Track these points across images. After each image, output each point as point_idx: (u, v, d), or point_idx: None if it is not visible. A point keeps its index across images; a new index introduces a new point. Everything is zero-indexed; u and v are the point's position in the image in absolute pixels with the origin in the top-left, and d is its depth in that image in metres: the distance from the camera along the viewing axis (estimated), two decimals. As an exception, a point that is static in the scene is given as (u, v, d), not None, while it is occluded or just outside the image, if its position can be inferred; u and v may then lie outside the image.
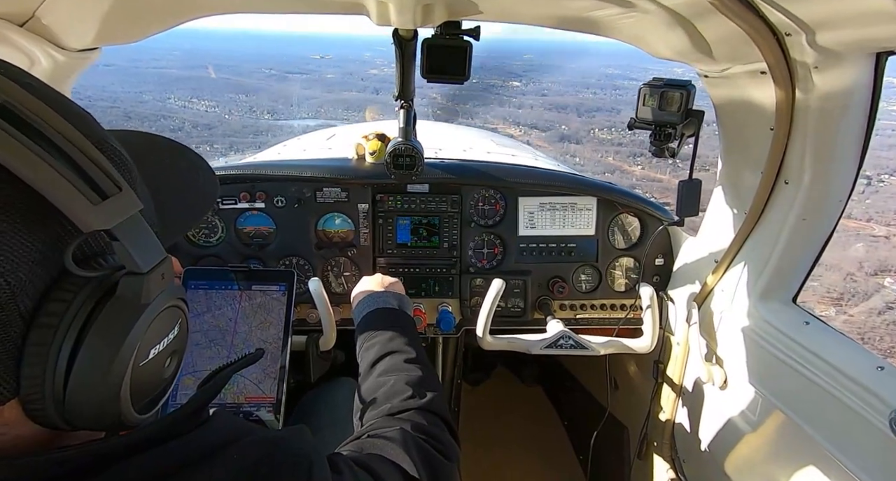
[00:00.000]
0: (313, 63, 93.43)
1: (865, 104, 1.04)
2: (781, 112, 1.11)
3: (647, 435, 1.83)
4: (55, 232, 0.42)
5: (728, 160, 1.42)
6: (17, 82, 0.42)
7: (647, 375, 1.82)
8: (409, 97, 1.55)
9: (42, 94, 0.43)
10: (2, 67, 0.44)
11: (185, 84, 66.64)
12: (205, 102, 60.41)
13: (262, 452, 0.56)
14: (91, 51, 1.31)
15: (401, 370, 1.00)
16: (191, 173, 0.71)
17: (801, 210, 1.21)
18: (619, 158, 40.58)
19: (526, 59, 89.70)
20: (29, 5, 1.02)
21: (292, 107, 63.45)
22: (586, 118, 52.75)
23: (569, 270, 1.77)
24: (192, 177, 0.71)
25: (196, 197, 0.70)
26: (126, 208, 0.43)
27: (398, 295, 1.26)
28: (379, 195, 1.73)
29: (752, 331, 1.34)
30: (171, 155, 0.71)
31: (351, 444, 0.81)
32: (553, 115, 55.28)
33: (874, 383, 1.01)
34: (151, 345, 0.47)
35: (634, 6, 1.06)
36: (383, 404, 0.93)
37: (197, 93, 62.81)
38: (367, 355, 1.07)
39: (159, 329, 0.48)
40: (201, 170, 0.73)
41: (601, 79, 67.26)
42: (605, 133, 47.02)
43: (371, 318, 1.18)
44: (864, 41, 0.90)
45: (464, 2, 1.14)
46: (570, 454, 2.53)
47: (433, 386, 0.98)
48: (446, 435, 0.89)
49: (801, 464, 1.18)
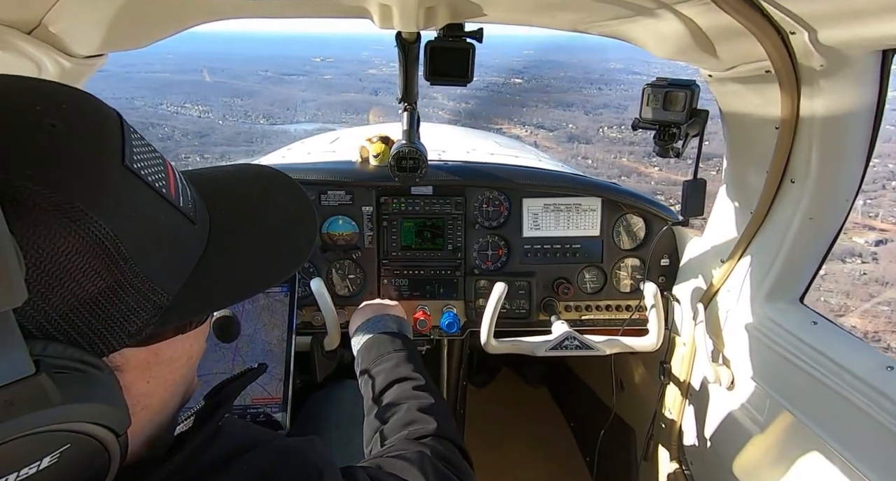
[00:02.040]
0: (311, 64, 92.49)
1: (871, 102, 1.04)
2: (786, 111, 1.11)
3: (653, 436, 1.82)
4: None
5: (733, 159, 1.42)
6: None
7: (653, 376, 1.81)
8: (413, 100, 1.55)
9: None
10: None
11: (178, 88, 65.66)
12: (198, 107, 59.50)
13: (272, 462, 0.56)
14: (97, 57, 1.32)
15: (411, 397, 1.01)
16: (280, 216, 0.61)
17: (808, 209, 1.20)
18: (633, 159, 38.63)
19: (525, 54, 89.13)
20: (36, 13, 1.03)
21: (289, 110, 62.54)
22: (593, 116, 51.30)
23: (574, 271, 1.77)
24: (282, 225, 0.61)
25: (277, 256, 0.59)
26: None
27: (397, 318, 1.26)
28: (383, 197, 1.73)
29: (758, 331, 1.34)
30: (262, 198, 0.62)
31: (369, 462, 0.81)
32: (559, 113, 54.05)
33: (883, 383, 1.00)
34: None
35: (637, 7, 1.06)
36: (399, 431, 0.93)
37: (191, 97, 62.00)
38: (374, 384, 1.08)
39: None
40: (300, 220, 0.63)
41: (604, 73, 66.18)
42: (615, 131, 45.37)
43: (371, 344, 1.19)
44: (869, 39, 0.89)
45: (466, 4, 1.14)
46: (577, 455, 2.52)
47: (444, 412, 1.00)
48: (462, 461, 0.90)
49: (809, 465, 1.17)
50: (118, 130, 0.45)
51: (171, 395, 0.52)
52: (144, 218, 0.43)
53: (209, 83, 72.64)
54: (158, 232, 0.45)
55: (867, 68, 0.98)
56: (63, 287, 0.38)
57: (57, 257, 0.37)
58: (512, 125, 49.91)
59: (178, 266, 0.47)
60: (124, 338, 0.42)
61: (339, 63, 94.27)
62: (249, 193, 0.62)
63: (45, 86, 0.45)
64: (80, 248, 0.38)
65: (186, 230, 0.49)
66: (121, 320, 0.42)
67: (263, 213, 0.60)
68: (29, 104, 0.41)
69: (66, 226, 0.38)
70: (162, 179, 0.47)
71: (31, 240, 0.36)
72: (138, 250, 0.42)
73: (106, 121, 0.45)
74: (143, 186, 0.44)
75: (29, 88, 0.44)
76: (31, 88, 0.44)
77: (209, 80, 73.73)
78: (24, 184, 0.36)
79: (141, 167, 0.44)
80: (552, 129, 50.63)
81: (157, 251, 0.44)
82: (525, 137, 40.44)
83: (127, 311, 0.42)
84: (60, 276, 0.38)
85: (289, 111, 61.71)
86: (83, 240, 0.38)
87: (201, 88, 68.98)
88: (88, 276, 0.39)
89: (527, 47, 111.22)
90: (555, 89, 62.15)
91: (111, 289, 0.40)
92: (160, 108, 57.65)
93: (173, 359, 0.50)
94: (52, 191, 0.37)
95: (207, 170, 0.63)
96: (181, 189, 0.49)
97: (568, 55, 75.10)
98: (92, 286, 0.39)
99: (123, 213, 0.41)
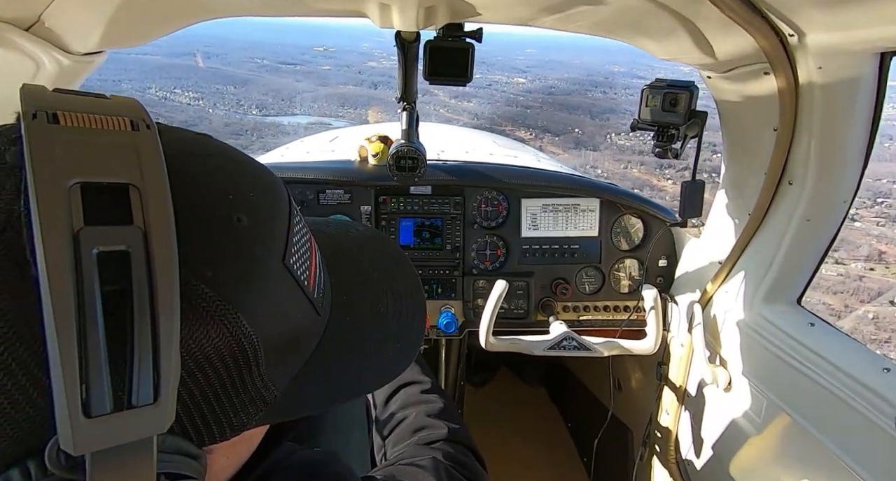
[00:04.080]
0: (309, 53, 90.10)
1: (869, 104, 1.04)
2: (785, 113, 1.11)
3: (650, 437, 1.83)
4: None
5: (731, 161, 1.42)
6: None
7: (650, 377, 1.82)
8: (412, 99, 1.55)
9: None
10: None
11: (168, 73, 62.55)
12: (188, 94, 56.85)
13: (301, 475, 0.56)
14: (96, 54, 1.32)
15: (420, 402, 1.00)
16: (399, 318, 0.54)
17: (805, 211, 1.20)
18: (645, 170, 36.38)
19: (528, 53, 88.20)
20: (34, 9, 1.03)
21: (283, 101, 60.51)
22: (599, 120, 50.01)
23: (572, 272, 1.77)
24: (399, 332, 0.54)
25: (384, 357, 0.53)
26: (135, 430, 0.31)
27: None
28: (382, 197, 1.73)
29: (756, 333, 1.34)
30: (378, 286, 0.55)
31: (383, 470, 0.80)
32: (564, 116, 52.78)
33: (880, 385, 1.00)
34: None
35: (636, 8, 1.06)
36: (409, 438, 0.92)
37: (181, 83, 59.38)
38: (380, 390, 1.07)
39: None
40: (413, 323, 0.56)
41: (608, 76, 65.21)
42: (624, 138, 43.44)
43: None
44: (868, 41, 0.89)
45: (466, 4, 1.14)
46: (574, 455, 2.52)
47: (454, 415, 0.98)
48: (475, 463, 0.89)
49: (805, 467, 1.18)
50: (287, 221, 0.42)
51: (241, 463, 0.50)
52: (285, 319, 0.41)
53: (202, 69, 70.82)
54: (290, 331, 0.42)
55: (865, 70, 0.98)
56: (195, 385, 0.36)
57: (199, 357, 0.35)
58: (516, 127, 49.23)
59: (295, 362, 0.44)
60: (228, 431, 0.40)
61: (338, 54, 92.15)
62: (370, 274, 0.56)
63: (236, 166, 0.42)
64: (223, 350, 0.36)
65: (312, 324, 0.45)
66: (231, 415, 0.39)
67: (383, 311, 0.54)
68: (224, 193, 0.38)
69: (218, 330, 0.35)
70: (307, 270, 0.43)
71: (186, 340, 0.34)
72: (269, 353, 0.39)
73: (282, 214, 0.42)
74: (293, 284, 0.41)
75: (225, 170, 0.40)
76: (227, 170, 0.41)
77: (202, 66, 71.96)
78: (200, 286, 0.34)
79: (295, 261, 0.42)
80: (557, 134, 49.22)
81: (282, 349, 0.41)
82: (530, 140, 39.35)
83: (239, 408, 0.39)
84: (196, 375, 0.36)
85: (283, 102, 59.89)
86: (227, 343, 0.36)
87: (193, 74, 66.26)
88: (219, 375, 0.37)
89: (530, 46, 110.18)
90: (559, 91, 61.07)
91: (233, 387, 0.38)
92: (148, 93, 54.67)
93: (254, 437, 0.49)
94: (219, 293, 0.35)
95: (335, 230, 0.57)
96: (318, 277, 0.46)
97: (571, 55, 74.48)
98: (218, 384, 0.37)
99: (270, 318, 0.39)
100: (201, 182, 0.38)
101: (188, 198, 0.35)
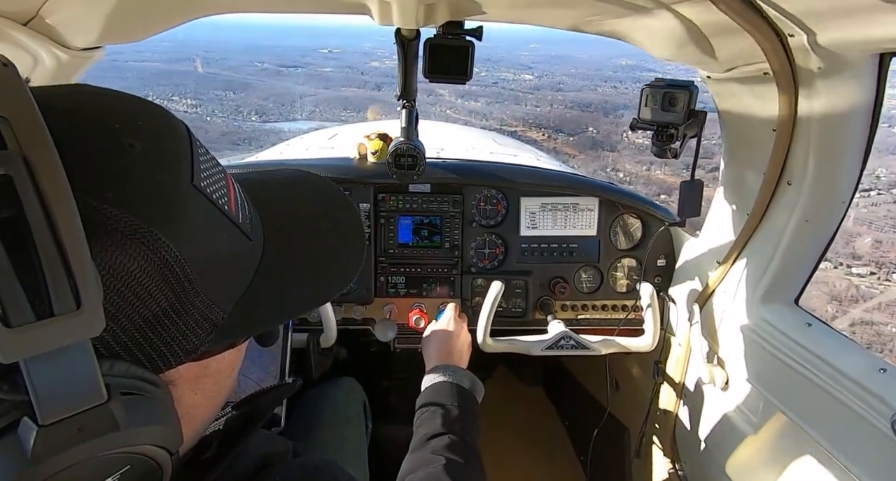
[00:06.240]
0: (310, 55, 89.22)
1: (869, 105, 1.04)
2: (784, 113, 1.11)
3: (647, 436, 1.83)
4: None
5: (730, 161, 1.42)
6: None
7: (647, 376, 1.82)
8: (412, 97, 1.55)
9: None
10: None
11: (167, 79, 62.02)
12: (186, 100, 56.29)
13: (300, 478, 0.57)
14: (95, 50, 1.31)
15: (454, 453, 1.01)
16: (331, 238, 0.59)
17: (804, 211, 1.20)
18: (670, 172, 33.68)
19: (532, 48, 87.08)
20: (33, 4, 1.02)
21: (284, 106, 59.89)
22: (613, 117, 48.16)
23: (570, 271, 1.77)
24: (329, 244, 0.59)
25: (325, 276, 0.57)
26: (60, 335, 0.32)
27: (472, 377, 1.31)
28: (381, 195, 1.73)
29: (753, 333, 1.34)
30: (313, 210, 0.60)
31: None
32: (576, 115, 50.74)
33: (876, 385, 1.00)
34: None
35: (637, 8, 1.06)
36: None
37: (179, 89, 58.73)
38: (428, 424, 1.10)
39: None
40: (347, 234, 0.60)
41: (617, 70, 63.62)
42: (641, 137, 42.22)
43: (442, 388, 1.23)
44: (867, 42, 0.89)
45: (466, 2, 1.14)
46: (571, 454, 2.52)
47: (474, 476, 1.01)
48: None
49: (801, 466, 1.18)
50: (188, 147, 0.44)
51: (215, 405, 0.53)
52: (208, 238, 0.43)
53: (201, 74, 70.22)
54: (219, 251, 0.44)
55: (865, 71, 0.98)
56: (130, 307, 0.38)
57: (127, 279, 0.37)
58: (527, 128, 48.06)
59: (234, 284, 0.47)
60: (181, 355, 0.42)
61: (341, 54, 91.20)
62: (300, 204, 0.61)
63: (121, 101, 0.44)
64: (149, 270, 0.38)
65: (244, 247, 0.48)
66: (180, 338, 0.42)
67: (315, 227, 0.58)
68: (108, 122, 0.40)
69: (138, 249, 0.37)
70: (224, 195, 0.46)
71: (105, 261, 0.36)
72: (201, 271, 0.41)
73: (178, 138, 0.44)
74: (209, 206, 0.44)
75: (107, 104, 0.43)
76: (109, 104, 0.43)
77: (201, 72, 71.33)
78: (103, 207, 0.36)
79: (207, 185, 0.44)
80: (571, 134, 47.39)
81: (217, 270, 0.44)
82: (543, 142, 37.69)
83: (186, 330, 0.42)
84: (129, 297, 0.38)
85: (284, 107, 59.38)
86: (153, 263, 0.38)
87: (192, 80, 65.51)
88: (154, 297, 0.39)
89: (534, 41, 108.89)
90: (568, 87, 59.48)
91: (173, 309, 0.40)
92: (143, 102, 54.59)
93: (220, 370, 0.51)
94: (129, 213, 0.37)
95: (257, 176, 0.62)
96: (240, 204, 0.49)
97: (576, 49, 73.15)
98: (156, 306, 0.39)
99: (190, 235, 0.41)
100: (80, 112, 0.40)
101: (69, 130, 0.37)
